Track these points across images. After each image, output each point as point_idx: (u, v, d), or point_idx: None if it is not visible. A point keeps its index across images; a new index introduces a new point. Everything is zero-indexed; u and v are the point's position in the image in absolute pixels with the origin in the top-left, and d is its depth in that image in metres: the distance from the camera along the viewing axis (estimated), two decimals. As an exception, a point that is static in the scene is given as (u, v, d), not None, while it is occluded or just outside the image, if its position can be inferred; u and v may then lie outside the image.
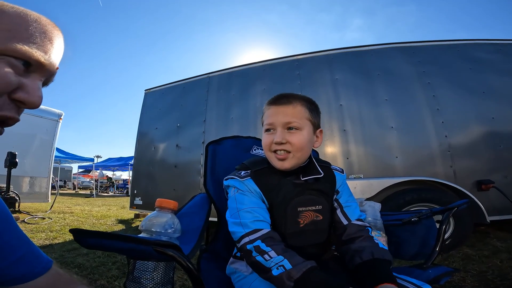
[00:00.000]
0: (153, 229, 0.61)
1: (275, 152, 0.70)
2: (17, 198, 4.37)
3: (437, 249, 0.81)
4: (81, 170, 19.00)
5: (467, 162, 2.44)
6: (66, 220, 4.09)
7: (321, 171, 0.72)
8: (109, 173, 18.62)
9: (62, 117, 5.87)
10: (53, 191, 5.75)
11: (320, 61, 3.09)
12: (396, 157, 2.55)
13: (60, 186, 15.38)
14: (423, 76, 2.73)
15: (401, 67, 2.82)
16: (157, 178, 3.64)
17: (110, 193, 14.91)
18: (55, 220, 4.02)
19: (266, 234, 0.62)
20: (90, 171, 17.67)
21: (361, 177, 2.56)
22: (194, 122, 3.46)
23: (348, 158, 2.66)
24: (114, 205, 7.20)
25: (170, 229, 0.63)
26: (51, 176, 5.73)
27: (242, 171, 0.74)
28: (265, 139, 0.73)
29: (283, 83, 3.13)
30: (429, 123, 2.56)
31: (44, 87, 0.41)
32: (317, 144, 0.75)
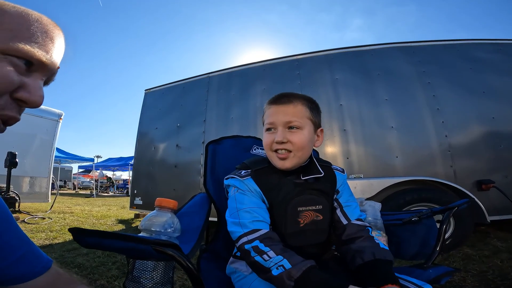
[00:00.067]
0: (152, 229, 0.61)
1: (276, 151, 0.70)
2: (17, 198, 4.37)
3: (437, 249, 0.81)
4: (81, 170, 19.00)
5: (467, 162, 2.44)
6: (66, 220, 4.09)
7: (321, 171, 0.72)
8: (109, 173, 18.64)
9: (62, 117, 5.87)
10: (53, 191, 5.75)
11: (320, 61, 3.08)
12: (396, 157, 2.55)
13: (60, 186, 15.38)
14: (423, 76, 2.73)
15: (401, 67, 2.82)
16: (157, 178, 3.64)
17: (110, 193, 14.90)
18: (55, 220, 4.02)
19: (265, 234, 0.61)
20: (90, 171, 17.67)
21: (361, 177, 2.56)
22: (194, 122, 3.46)
23: (348, 158, 2.66)
24: (114, 205, 7.19)
25: (169, 228, 0.63)
26: (51, 176, 5.73)
27: (243, 170, 0.73)
28: (266, 139, 0.73)
29: (283, 83, 3.13)
30: (429, 123, 2.56)
31: (45, 86, 0.41)
32: (318, 143, 0.75)
